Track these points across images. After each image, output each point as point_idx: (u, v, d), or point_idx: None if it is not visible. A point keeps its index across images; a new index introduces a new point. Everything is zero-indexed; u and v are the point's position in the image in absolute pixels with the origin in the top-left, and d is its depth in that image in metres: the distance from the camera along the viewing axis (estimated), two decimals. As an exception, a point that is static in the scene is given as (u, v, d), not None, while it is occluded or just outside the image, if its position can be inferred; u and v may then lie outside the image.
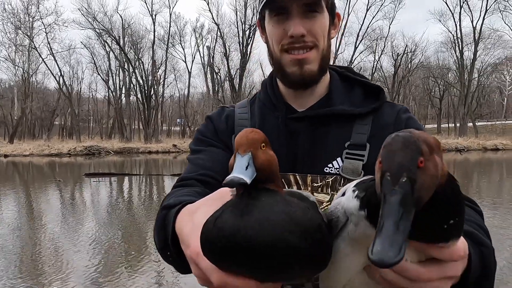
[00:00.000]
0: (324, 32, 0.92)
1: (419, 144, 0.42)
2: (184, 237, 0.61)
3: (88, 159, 24.93)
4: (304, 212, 0.48)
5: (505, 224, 6.54)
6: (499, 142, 31.59)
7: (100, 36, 38.42)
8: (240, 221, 0.46)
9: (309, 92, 0.98)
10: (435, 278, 0.51)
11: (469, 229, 0.67)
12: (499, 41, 40.96)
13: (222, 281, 0.49)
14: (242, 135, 0.52)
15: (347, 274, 0.55)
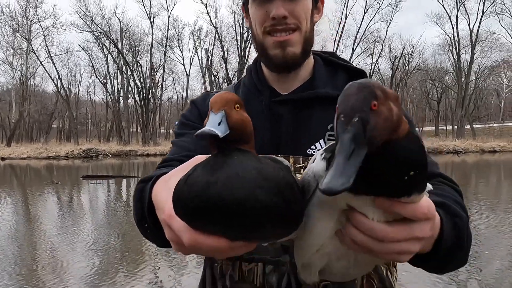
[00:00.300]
0: (306, 14, 0.92)
1: (374, 89, 0.44)
2: (159, 203, 0.60)
3: (86, 162, 24.88)
4: (275, 170, 0.48)
5: (501, 223, 6.56)
6: (497, 144, 31.70)
7: (98, 39, 38.46)
8: (210, 177, 0.45)
9: (293, 76, 0.98)
10: (401, 238, 0.51)
11: (444, 201, 0.69)
12: (496, 44, 41.22)
13: (193, 241, 0.48)
14: (216, 96, 0.52)
15: (319, 239, 0.55)
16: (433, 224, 0.55)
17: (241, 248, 0.49)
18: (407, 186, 0.46)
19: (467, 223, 0.69)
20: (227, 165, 0.47)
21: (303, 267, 0.61)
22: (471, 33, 38.16)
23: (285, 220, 0.47)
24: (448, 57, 43.08)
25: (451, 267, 0.70)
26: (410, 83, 47.70)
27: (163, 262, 4.82)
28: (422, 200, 0.50)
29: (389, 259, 0.55)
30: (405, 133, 0.46)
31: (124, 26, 38.76)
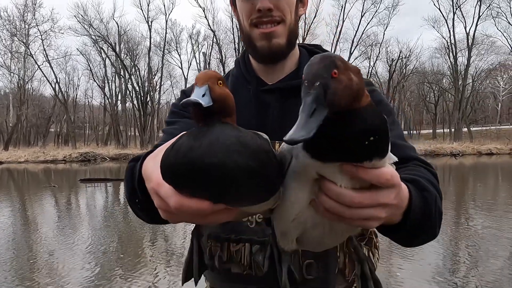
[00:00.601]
0: (291, 7, 0.96)
1: (335, 60, 0.49)
2: (148, 174, 0.63)
3: (84, 165, 24.84)
4: (253, 138, 0.51)
5: (497, 224, 6.60)
6: (494, 147, 31.83)
7: (96, 43, 38.51)
8: (193, 143, 0.49)
9: (279, 67, 1.02)
10: (367, 204, 0.55)
11: (415, 177, 0.74)
12: (492, 47, 41.48)
13: (178, 204, 0.51)
14: (201, 72, 0.56)
15: (295, 208, 0.59)
16: (398, 192, 0.58)
17: (223, 213, 0.53)
18: (368, 151, 0.49)
19: (436, 198, 0.73)
20: (209, 132, 0.50)
21: (281, 235, 0.65)
22: (468, 36, 38.42)
23: (261, 182, 0.51)
24: (445, 60, 43.38)
25: (420, 240, 0.74)
26: (408, 86, 47.89)
27: (161, 266, 4.83)
28: (385, 167, 0.54)
29: (359, 225, 0.59)
30: (366, 104, 0.51)
31: (122, 30, 38.89)
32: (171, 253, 5.38)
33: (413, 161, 0.87)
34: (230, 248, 0.91)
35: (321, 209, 0.57)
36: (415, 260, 4.93)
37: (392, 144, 0.83)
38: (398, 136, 0.92)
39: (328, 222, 0.60)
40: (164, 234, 6.61)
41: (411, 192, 0.67)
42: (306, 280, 0.88)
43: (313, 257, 0.88)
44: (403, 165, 0.85)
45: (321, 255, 0.87)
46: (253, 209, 0.56)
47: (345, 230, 0.64)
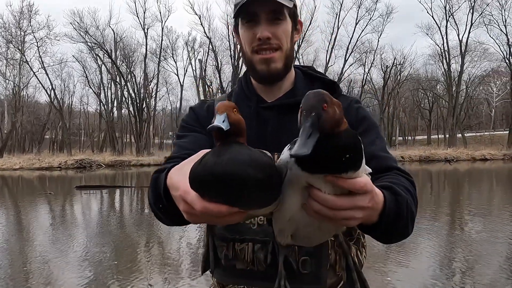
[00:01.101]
0: (287, 36, 1.09)
1: (324, 96, 0.64)
2: (174, 184, 0.76)
3: (79, 172, 24.75)
4: (261, 156, 0.67)
5: (491, 229, 6.67)
6: (487, 153, 32.09)
7: (92, 50, 38.54)
8: (216, 159, 0.63)
9: (277, 86, 1.15)
10: (346, 206, 0.68)
11: (390, 185, 0.85)
12: (485, 54, 41.95)
13: (203, 207, 0.64)
14: (220, 103, 0.70)
15: (290, 210, 0.73)
16: (372, 197, 0.71)
17: (236, 215, 0.66)
18: (344, 165, 0.64)
19: (408, 202, 0.85)
20: (228, 151, 0.64)
21: (279, 232, 0.80)
22: (461, 43, 38.89)
23: (267, 189, 0.66)
24: (438, 67, 43.79)
25: (394, 237, 0.87)
26: (402, 93, 48.21)
27: (157, 273, 4.84)
28: (361, 178, 0.67)
29: (340, 223, 0.73)
30: (344, 129, 0.66)
31: (118, 36, 38.95)
32: (166, 260, 5.40)
33: (394, 171, 0.98)
34: (235, 247, 1.04)
35: (310, 211, 0.70)
36: (411, 264, 4.98)
37: (376, 156, 1.00)
38: (381, 149, 1.04)
39: (316, 222, 0.73)
40: (159, 241, 6.62)
41: (386, 197, 0.78)
42: (301, 274, 1.00)
43: (307, 254, 0.99)
44: (385, 173, 0.96)
45: (315, 253, 0.99)
46: (259, 211, 0.71)
47: (331, 228, 0.79)
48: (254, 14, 1.06)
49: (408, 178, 0.96)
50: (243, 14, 1.08)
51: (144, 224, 8.20)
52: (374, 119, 1.13)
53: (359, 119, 1.09)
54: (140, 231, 7.50)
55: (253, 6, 1.05)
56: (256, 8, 1.05)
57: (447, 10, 38.74)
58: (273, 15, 1.06)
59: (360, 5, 38.79)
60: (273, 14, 1.06)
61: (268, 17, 1.06)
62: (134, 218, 9.18)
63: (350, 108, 1.10)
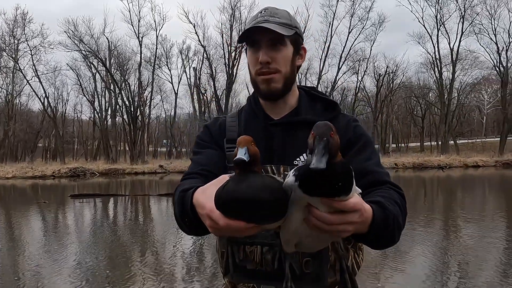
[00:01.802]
0: (286, 61, 1.22)
1: (331, 126, 0.79)
2: (200, 203, 0.91)
3: (73, 181, 24.58)
4: (272, 183, 0.83)
5: (484, 235, 6.75)
6: (479, 159, 32.37)
7: (86, 58, 38.48)
8: (236, 186, 0.79)
9: (282, 104, 1.28)
10: (339, 222, 0.81)
11: (380, 200, 0.98)
12: (476, 62, 42.43)
13: (226, 223, 0.80)
14: (241, 137, 0.86)
15: (294, 224, 0.88)
16: (361, 213, 0.84)
17: (253, 229, 0.81)
18: (337, 191, 0.77)
19: (395, 215, 0.98)
20: (246, 180, 0.80)
21: (285, 242, 0.97)
22: (452, 51, 39.37)
23: (276, 209, 0.82)
24: (430, 75, 44.20)
25: (382, 244, 1.01)
26: (395, 100, 48.61)
27: (151, 281, 4.85)
28: (351, 199, 0.81)
29: (335, 235, 0.88)
30: (339, 160, 0.79)
31: (113, 45, 38.96)
32: (161, 268, 5.40)
33: (387, 185, 1.11)
34: (245, 250, 1.16)
35: (310, 225, 0.84)
36: (405, 270, 5.04)
37: (371, 171, 1.14)
38: (375, 164, 1.17)
39: (316, 233, 0.87)
40: (153, 250, 6.62)
41: (374, 211, 0.91)
42: (305, 273, 1.12)
43: (310, 256, 1.12)
44: (378, 187, 1.09)
45: (317, 255, 1.11)
46: (270, 226, 0.87)
47: (328, 238, 0.95)
48: (256, 41, 1.20)
49: (398, 191, 1.09)
50: (247, 39, 1.23)
51: (138, 233, 8.19)
52: (370, 136, 1.28)
53: (357, 137, 1.21)
54: (134, 240, 7.49)
55: (255, 34, 1.19)
56: (258, 36, 1.19)
57: (438, 19, 39.34)
58: (273, 41, 1.18)
59: (352, 14, 39.26)
60: (273, 41, 1.18)
61: (268, 43, 1.19)
62: (128, 226, 9.16)
63: (348, 126, 1.23)
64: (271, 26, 1.15)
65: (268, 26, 1.15)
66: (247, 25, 1.22)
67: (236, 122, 1.31)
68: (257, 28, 1.17)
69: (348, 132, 1.20)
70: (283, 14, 1.24)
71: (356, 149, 1.18)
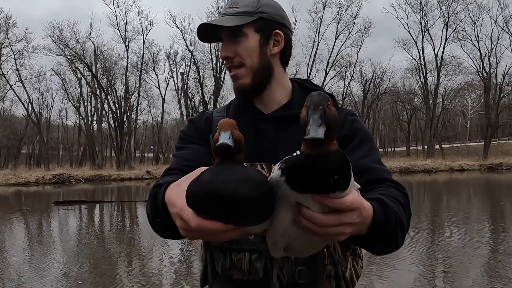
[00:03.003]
0: (250, 52, 1.10)
1: (327, 96, 0.70)
2: (171, 200, 0.78)
3: (57, 187, 24.10)
4: (256, 175, 0.68)
5: (472, 237, 6.80)
6: (464, 163, 32.89)
7: (71, 63, 37.98)
8: (213, 177, 0.65)
9: (269, 99, 1.17)
10: (334, 224, 0.69)
11: (381, 197, 0.86)
12: (460, 68, 43.37)
13: (198, 224, 0.67)
14: (223, 120, 0.74)
15: (281, 226, 0.75)
16: (360, 213, 0.72)
17: (231, 232, 0.67)
18: (332, 186, 0.65)
19: (397, 214, 0.86)
20: (224, 170, 0.67)
21: (272, 246, 0.82)
22: (436, 57, 40.11)
23: (261, 207, 0.67)
24: (416, 80, 44.94)
25: (383, 248, 0.89)
26: (381, 105, 49.23)
27: (138, 288, 4.73)
28: (348, 195, 0.68)
29: (329, 239, 0.77)
30: (334, 149, 0.66)
31: (99, 50, 38.54)
32: (148, 276, 5.28)
33: (387, 183, 1.00)
34: (232, 257, 1.05)
35: (300, 227, 0.72)
36: (391, 276, 5.01)
37: (370, 168, 1.02)
38: (375, 160, 1.05)
39: (307, 235, 0.75)
40: (140, 257, 6.48)
41: (375, 209, 0.80)
42: (298, 284, 1.01)
43: (303, 264, 1.01)
44: (378, 185, 0.98)
45: (311, 263, 1.01)
46: (253, 229, 0.72)
47: (321, 241, 0.80)
48: (220, 38, 1.12)
49: (400, 189, 0.98)
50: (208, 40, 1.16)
51: (125, 240, 8.02)
52: (369, 131, 1.15)
53: (354, 131, 1.10)
54: (120, 248, 7.33)
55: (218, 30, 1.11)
56: (219, 31, 1.11)
57: (422, 26, 40.06)
58: (231, 34, 1.09)
59: (339, 20, 39.71)
60: (232, 33, 1.09)
61: (228, 37, 1.10)
62: (114, 233, 8.97)
63: (345, 121, 1.11)
64: (221, 21, 1.08)
65: (217, 23, 1.08)
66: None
67: (224, 117, 1.18)
68: (206, 27, 1.10)
69: (345, 127, 1.09)
70: (245, 1, 1.12)
71: (354, 145, 1.07)
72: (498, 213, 10.50)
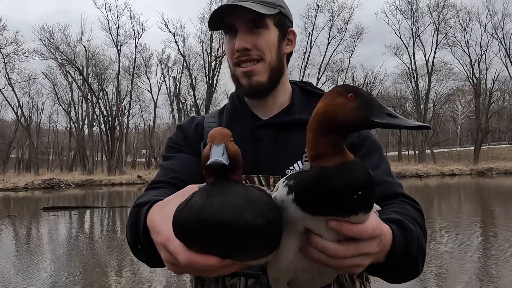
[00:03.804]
0: (270, 46, 0.99)
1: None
2: (155, 226, 0.66)
3: (47, 193, 23.76)
4: (260, 197, 0.56)
5: (461, 242, 6.82)
6: (455, 168, 33.16)
7: (62, 67, 37.64)
8: (206, 201, 0.52)
9: (270, 102, 1.05)
10: (350, 255, 0.59)
11: (399, 218, 0.77)
12: (450, 74, 43.88)
13: (188, 260, 0.54)
14: (216, 130, 0.61)
15: (286, 257, 0.63)
16: (380, 240, 0.63)
17: (230, 267, 0.56)
18: (355, 205, 0.53)
19: (419, 237, 0.77)
20: (220, 192, 0.54)
21: (274, 280, 0.70)
22: (427, 63, 40.57)
23: (268, 238, 0.55)
24: (407, 85, 45.37)
25: (402, 277, 0.77)
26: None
27: (129, 297, 4.63)
28: (368, 221, 0.57)
29: (343, 271, 0.66)
30: (352, 159, 0.56)
31: (90, 53, 38.28)
32: (138, 285, 5.18)
33: (400, 198, 0.91)
34: (225, 282, 0.92)
35: (309, 257, 0.61)
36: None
37: (382, 181, 0.91)
38: (385, 172, 0.96)
39: (316, 266, 0.64)
40: (131, 264, 6.37)
41: (394, 234, 0.70)
42: None
43: None
44: (390, 201, 0.89)
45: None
46: (256, 262, 0.60)
47: (333, 272, 0.70)
48: (231, 26, 0.98)
49: (415, 206, 0.89)
50: (222, 26, 1.00)
51: (115, 247, 7.89)
52: (377, 140, 1.05)
53: (361, 140, 1.00)
54: (111, 254, 7.21)
55: (228, 18, 0.97)
56: (232, 19, 0.97)
57: (413, 32, 40.51)
58: (253, 24, 0.97)
59: (331, 25, 40.00)
60: (251, 23, 0.97)
61: (246, 26, 0.97)
62: (104, 240, 8.83)
63: None
64: (248, 4, 0.93)
65: (244, 4, 0.92)
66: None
67: (217, 123, 1.07)
68: (229, 7, 0.94)
69: (352, 135, 0.93)
70: None
71: (362, 155, 0.96)
72: (489, 217, 10.57)
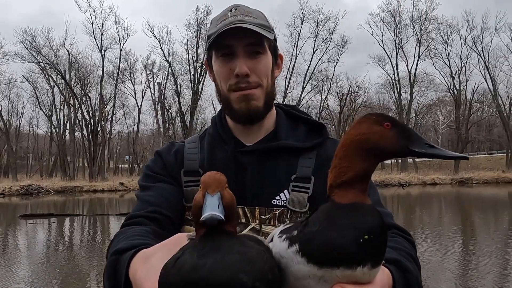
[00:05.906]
0: (267, 71, 0.97)
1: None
2: (138, 281, 0.62)
3: (25, 199, 23.10)
4: (258, 254, 0.50)
5: (442, 249, 6.89)
6: (437, 177, 33.76)
7: (44, 70, 36.92)
8: (198, 261, 0.47)
9: (257, 128, 1.01)
10: None
11: (398, 258, 0.75)
12: (431, 84, 44.86)
13: None
14: (210, 176, 0.55)
15: None
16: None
17: None
18: (361, 252, 0.48)
19: (418, 277, 0.76)
20: (213, 249, 0.49)
21: None
22: (410, 74, 41.41)
23: None
24: (390, 95, 46.11)
25: None
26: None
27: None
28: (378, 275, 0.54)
29: None
30: (368, 202, 0.54)
31: (73, 58, 37.66)
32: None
33: (392, 230, 0.88)
34: None
35: None
36: None
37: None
38: (376, 201, 0.93)
39: None
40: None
41: (394, 278, 0.69)
42: None
43: None
44: None
45: None
46: None
47: None
48: (230, 47, 0.93)
49: (408, 238, 0.88)
50: (218, 45, 0.94)
51: (95, 256, 7.68)
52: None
53: None
54: (91, 264, 7.01)
55: (229, 39, 0.92)
56: (232, 40, 0.92)
57: (396, 43, 41.32)
58: (251, 48, 0.94)
59: (317, 35, 40.47)
60: (252, 47, 0.93)
61: (246, 50, 0.93)
62: (84, 249, 8.60)
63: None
64: (252, 27, 0.89)
65: (250, 27, 0.89)
66: (216, 28, 0.92)
67: (198, 149, 1.01)
68: (234, 30, 0.89)
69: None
70: (258, 14, 0.96)
71: None
72: (469, 226, 10.75)
